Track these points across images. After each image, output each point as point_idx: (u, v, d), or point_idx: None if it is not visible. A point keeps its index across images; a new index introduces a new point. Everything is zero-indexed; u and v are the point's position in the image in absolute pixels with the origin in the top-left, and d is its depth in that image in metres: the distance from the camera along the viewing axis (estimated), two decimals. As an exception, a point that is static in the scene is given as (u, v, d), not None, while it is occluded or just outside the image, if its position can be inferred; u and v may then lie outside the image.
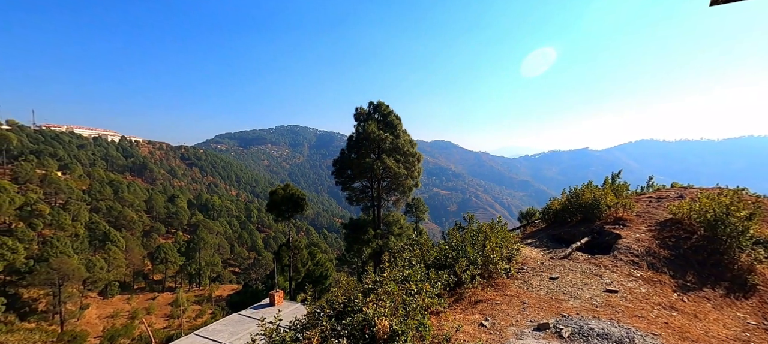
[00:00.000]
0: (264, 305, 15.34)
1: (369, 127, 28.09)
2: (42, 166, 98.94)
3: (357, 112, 30.82)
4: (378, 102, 30.08)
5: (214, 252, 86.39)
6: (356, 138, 30.76)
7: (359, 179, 32.34)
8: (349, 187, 32.42)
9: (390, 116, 30.11)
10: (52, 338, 42.53)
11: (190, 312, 56.88)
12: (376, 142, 29.24)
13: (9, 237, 59.66)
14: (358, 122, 31.35)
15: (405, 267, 6.82)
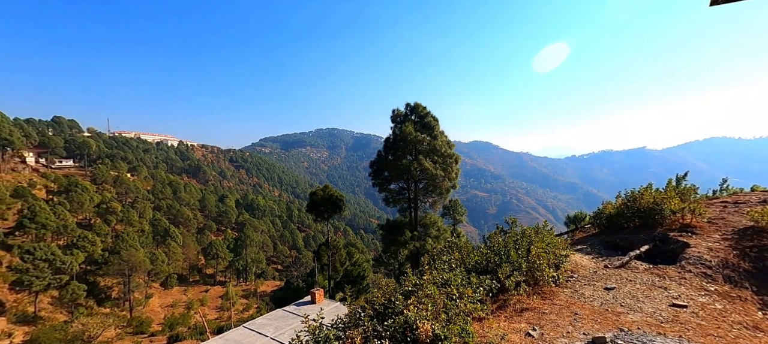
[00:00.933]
0: (305, 302, 15.90)
1: (405, 128, 28.04)
2: (115, 168, 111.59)
3: (394, 113, 30.91)
4: (415, 103, 29.93)
5: (259, 249, 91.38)
6: (393, 139, 30.86)
7: (396, 181, 32.39)
8: (385, 189, 32.58)
9: (427, 117, 29.83)
10: (123, 323, 47.68)
11: (238, 306, 60.67)
12: (413, 144, 29.12)
13: (89, 231, 67.98)
14: (395, 124, 31.43)
15: (445, 270, 6.69)
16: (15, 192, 69.23)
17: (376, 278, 51.61)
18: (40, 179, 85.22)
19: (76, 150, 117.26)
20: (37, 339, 35.80)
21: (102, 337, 39.77)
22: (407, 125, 28.69)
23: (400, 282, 7.52)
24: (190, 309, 56.58)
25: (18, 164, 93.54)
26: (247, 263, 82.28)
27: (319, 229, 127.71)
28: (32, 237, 60.14)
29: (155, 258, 66.69)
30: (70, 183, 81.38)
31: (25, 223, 60.23)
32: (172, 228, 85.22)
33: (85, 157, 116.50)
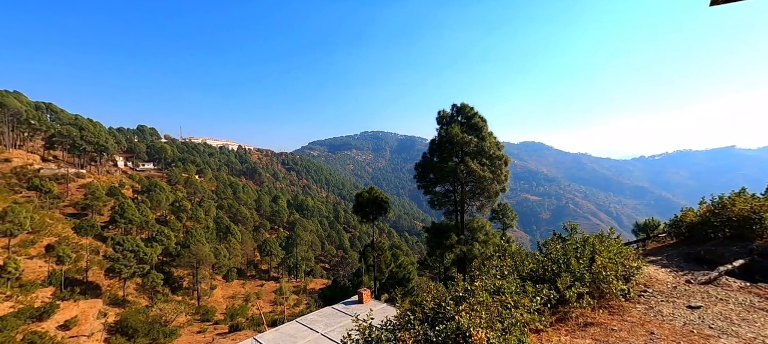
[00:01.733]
0: (353, 301, 16.27)
1: (452, 129, 27.47)
2: (185, 170, 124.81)
3: (439, 115, 30.49)
4: (461, 104, 29.22)
5: (308, 248, 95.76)
6: (438, 141, 30.41)
7: (441, 183, 31.84)
8: (431, 191, 32.19)
9: (474, 118, 28.94)
10: (192, 310, 53.02)
11: (290, 301, 64.15)
12: (459, 145, 28.41)
13: (165, 226, 76.76)
14: (441, 125, 30.96)
15: (497, 277, 6.40)
16: (109, 191, 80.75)
17: (421, 281, 51.11)
18: (127, 180, 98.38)
19: (155, 154, 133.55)
20: (125, 320, 41.28)
21: (175, 322, 44.60)
22: (453, 126, 28.09)
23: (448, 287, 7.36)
24: (247, 302, 61.07)
25: (111, 167, 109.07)
26: (298, 261, 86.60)
27: (365, 230, 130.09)
28: (122, 231, 69.58)
29: (218, 252, 73.20)
30: (150, 184, 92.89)
31: (116, 218, 69.96)
32: (232, 226, 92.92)
33: (162, 160, 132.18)
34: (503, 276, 6.30)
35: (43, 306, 39.05)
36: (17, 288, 42.06)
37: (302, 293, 72.15)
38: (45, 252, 52.97)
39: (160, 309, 45.48)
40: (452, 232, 29.30)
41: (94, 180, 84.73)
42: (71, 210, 73.00)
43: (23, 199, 64.77)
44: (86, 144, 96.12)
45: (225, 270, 75.05)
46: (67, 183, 78.71)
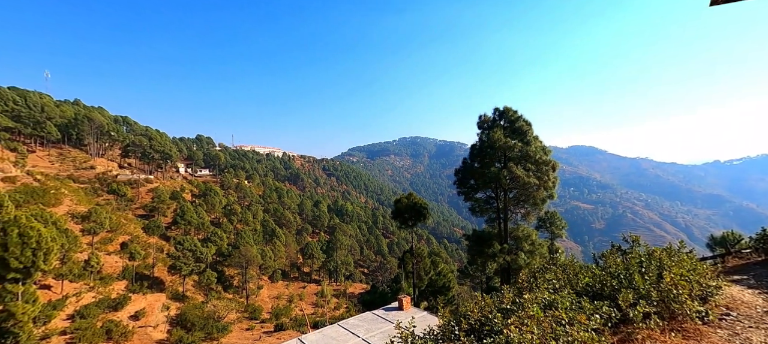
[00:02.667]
0: (393, 308, 16.24)
1: (494, 134, 26.55)
2: (236, 176, 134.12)
3: (480, 119, 29.65)
4: (504, 107, 28.18)
5: (347, 252, 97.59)
6: (479, 146, 29.55)
7: (483, 189, 30.82)
8: (471, 198, 31.29)
9: (518, 122, 27.73)
10: (241, 308, 56.43)
11: (331, 304, 65.73)
12: (502, 150, 27.36)
13: (218, 228, 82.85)
14: (482, 130, 30.08)
15: (548, 290, 6.01)
16: (172, 195, 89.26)
17: (462, 290, 49.60)
18: (187, 185, 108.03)
19: (211, 161, 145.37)
20: (184, 314, 45.08)
21: (227, 318, 47.74)
22: (495, 131, 27.14)
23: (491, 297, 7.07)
24: (291, 302, 63.59)
25: (174, 173, 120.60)
26: (338, 265, 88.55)
27: (403, 236, 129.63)
28: (182, 231, 76.37)
29: (265, 254, 77.33)
30: (206, 189, 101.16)
31: (177, 220, 77.02)
32: (277, 229, 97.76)
33: (216, 166, 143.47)
34: (555, 290, 5.91)
35: (118, 298, 43.99)
36: (98, 280, 47.85)
37: (342, 296, 73.51)
38: (120, 249, 59.75)
39: (213, 305, 49.04)
40: (495, 241, 28.14)
41: (160, 185, 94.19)
42: (141, 211, 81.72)
43: (104, 201, 73.84)
44: (154, 152, 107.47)
45: (270, 271, 78.97)
46: (138, 188, 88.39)
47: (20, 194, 53.74)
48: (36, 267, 30.85)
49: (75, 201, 64.31)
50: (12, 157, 71.17)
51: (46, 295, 38.76)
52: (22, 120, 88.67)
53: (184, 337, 38.77)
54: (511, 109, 28.05)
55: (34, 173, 68.85)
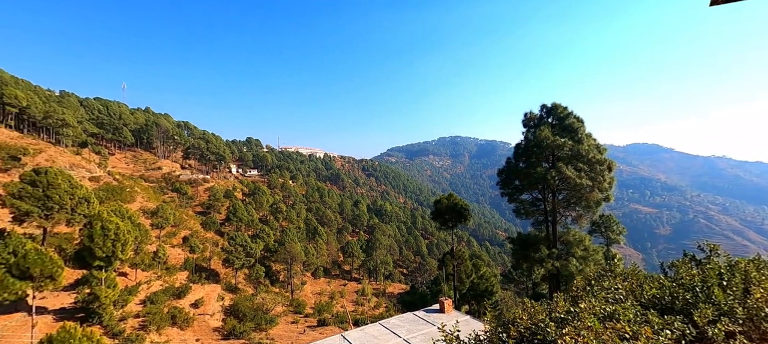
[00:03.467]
0: (434, 310, 16.05)
1: (541, 132, 25.12)
2: (281, 176, 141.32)
3: (526, 117, 28.24)
4: (553, 104, 26.57)
5: (386, 252, 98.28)
6: (525, 145, 28.15)
7: (529, 190, 29.32)
8: (516, 199, 29.90)
9: (568, 119, 25.97)
10: (287, 302, 59.37)
11: (371, 303, 66.70)
12: (550, 149, 25.80)
13: (266, 225, 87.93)
14: (527, 128, 28.63)
15: (607, 299, 5.56)
16: (225, 194, 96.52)
17: (506, 296, 47.53)
18: (238, 184, 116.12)
19: (259, 162, 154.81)
20: (236, 305, 48.51)
21: (274, 311, 50.50)
22: (542, 129, 25.67)
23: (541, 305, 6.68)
24: (332, 299, 65.58)
25: (227, 173, 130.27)
26: (377, 264, 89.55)
27: (442, 238, 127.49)
28: (234, 228, 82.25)
29: (308, 251, 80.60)
30: (255, 188, 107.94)
31: (230, 217, 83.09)
32: (319, 228, 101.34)
33: (264, 167, 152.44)
34: (616, 301, 5.44)
35: (181, 287, 48.56)
36: (164, 270, 53.22)
37: (381, 296, 74.19)
38: (182, 243, 65.89)
39: (262, 298, 52.17)
40: (542, 245, 26.60)
41: (215, 184, 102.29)
42: (199, 208, 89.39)
43: (169, 199, 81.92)
44: (211, 154, 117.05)
45: (313, 267, 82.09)
46: (197, 187, 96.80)
47: (103, 191, 61.51)
48: (115, 257, 35.13)
49: (145, 199, 72.14)
50: (97, 159, 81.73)
51: (123, 282, 43.96)
52: (104, 126, 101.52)
53: (236, 327, 41.71)
54: (560, 106, 26.37)
55: (113, 173, 78.45)
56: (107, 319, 33.38)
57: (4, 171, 55.88)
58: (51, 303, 35.32)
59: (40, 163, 57.40)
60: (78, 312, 34.01)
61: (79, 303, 34.65)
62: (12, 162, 58.24)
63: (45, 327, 29.46)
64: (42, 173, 40.75)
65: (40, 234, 42.49)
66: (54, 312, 33.96)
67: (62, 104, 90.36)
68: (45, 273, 27.52)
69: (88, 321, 32.66)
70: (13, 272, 27.31)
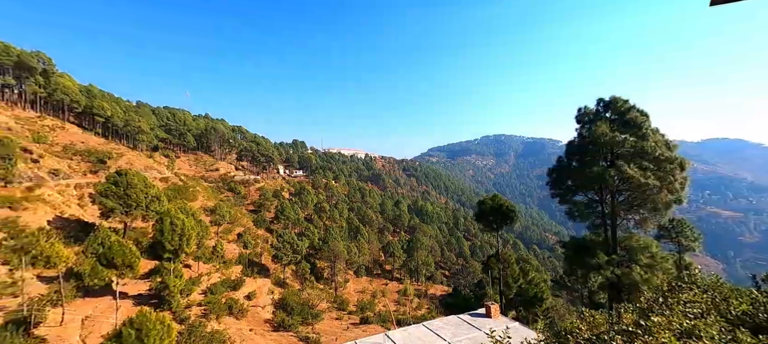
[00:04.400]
0: (480, 314, 15.57)
1: (598, 128, 23.21)
2: (325, 176, 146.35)
3: (580, 112, 26.30)
4: (611, 97, 24.45)
5: (427, 253, 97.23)
6: (579, 142, 26.26)
7: (583, 191, 27.30)
8: (568, 200, 27.99)
9: (629, 113, 23.71)
10: (331, 298, 61.37)
11: (413, 303, 66.51)
12: (608, 146, 23.77)
13: (311, 224, 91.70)
14: (581, 124, 26.65)
15: (687, 314, 4.99)
16: (274, 193, 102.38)
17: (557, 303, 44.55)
18: (285, 185, 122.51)
19: (304, 163, 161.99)
20: (285, 299, 51.21)
21: (319, 307, 52.48)
22: (599, 124, 23.72)
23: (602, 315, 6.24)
24: (374, 298, 66.40)
25: (275, 174, 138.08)
26: (418, 264, 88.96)
27: (486, 240, 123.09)
28: (282, 226, 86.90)
29: (350, 250, 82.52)
30: (300, 188, 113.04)
31: (278, 215, 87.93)
32: (360, 227, 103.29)
33: (308, 168, 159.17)
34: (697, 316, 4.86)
35: (236, 280, 52.43)
36: (222, 264, 57.86)
37: (423, 297, 73.55)
38: (236, 239, 71.12)
39: (308, 293, 54.46)
40: (599, 250, 24.55)
41: (265, 184, 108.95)
42: (251, 207, 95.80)
43: (225, 198, 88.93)
44: (261, 156, 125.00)
45: (355, 266, 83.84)
46: (248, 187, 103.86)
47: (170, 191, 68.53)
48: (181, 250, 38.93)
49: (205, 198, 79.03)
50: (165, 162, 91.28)
51: (187, 273, 48.59)
52: (171, 132, 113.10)
53: (285, 320, 44.01)
54: (620, 99, 24.16)
55: (179, 174, 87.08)
56: (175, 306, 37.08)
57: (94, 172, 64.66)
58: (130, 289, 40.15)
59: (121, 166, 65.50)
60: (152, 299, 38.25)
61: (152, 291, 38.97)
62: (100, 164, 67.24)
63: (126, 311, 33.58)
64: (123, 174, 46.54)
65: (121, 228, 48.55)
66: (133, 298, 38.54)
67: (138, 113, 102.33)
68: (126, 263, 31.37)
69: (160, 307, 36.56)
70: (102, 261, 31.51)
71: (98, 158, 68.81)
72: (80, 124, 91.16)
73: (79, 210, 50.11)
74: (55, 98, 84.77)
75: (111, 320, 30.99)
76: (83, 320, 30.96)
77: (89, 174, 63.44)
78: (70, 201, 50.55)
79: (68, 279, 33.93)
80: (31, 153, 55.49)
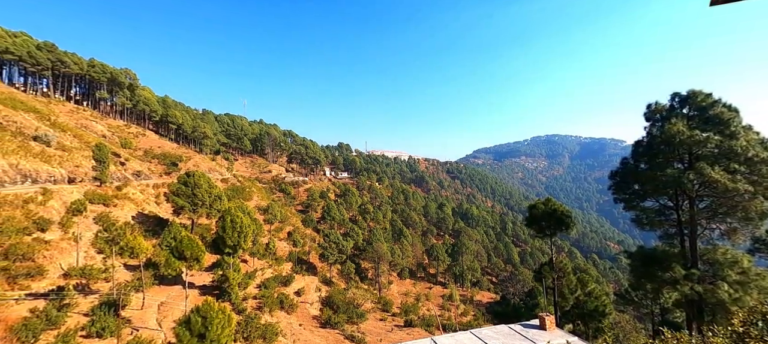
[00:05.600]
0: (533, 326, 14.69)
1: (672, 126, 20.68)
2: (369, 178, 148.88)
3: (650, 109, 23.69)
4: (690, 91, 21.72)
5: (473, 258, 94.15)
6: (648, 142, 23.66)
7: (653, 196, 24.55)
8: (635, 206, 25.30)
9: (713, 108, 20.81)
10: (375, 299, 62.15)
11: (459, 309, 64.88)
12: (686, 146, 21.08)
13: (355, 225, 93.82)
14: (651, 122, 23.99)
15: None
16: (320, 194, 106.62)
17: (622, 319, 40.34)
18: (331, 186, 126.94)
19: (349, 165, 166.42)
20: (331, 297, 53.01)
21: (364, 307, 53.44)
22: (674, 122, 21.11)
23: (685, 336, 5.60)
24: (418, 301, 65.91)
25: (322, 175, 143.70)
26: (464, 270, 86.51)
27: (538, 246, 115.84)
28: (328, 226, 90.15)
29: (394, 251, 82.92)
30: (345, 189, 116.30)
31: (325, 216, 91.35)
32: (404, 229, 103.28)
33: (353, 170, 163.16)
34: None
35: (287, 276, 55.48)
36: (274, 260, 61.63)
37: (468, 303, 71.32)
38: (287, 237, 75.24)
39: (353, 293, 55.79)
40: (675, 263, 21.80)
41: (312, 185, 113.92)
42: (300, 207, 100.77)
43: (276, 198, 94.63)
44: (309, 158, 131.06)
45: (399, 268, 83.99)
46: (297, 188, 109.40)
47: (230, 191, 74.69)
48: (239, 246, 42.13)
49: (259, 197, 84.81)
50: (226, 164, 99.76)
51: (244, 268, 52.49)
52: (231, 137, 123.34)
53: (332, 317, 45.53)
54: (700, 93, 21.33)
55: (237, 176, 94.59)
56: (234, 298, 40.26)
57: (168, 174, 72.78)
58: (197, 280, 44.45)
59: (190, 168, 72.91)
60: (214, 290, 41.94)
61: (214, 282, 42.72)
62: (173, 167, 75.51)
63: (193, 299, 37.21)
64: (191, 176, 51.73)
65: (189, 224, 53.97)
66: (199, 288, 42.61)
67: (204, 120, 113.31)
68: (194, 256, 34.79)
69: (221, 298, 39.98)
70: (174, 253, 35.30)
71: (171, 161, 77.33)
72: (157, 131, 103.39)
73: (156, 207, 56.69)
74: (139, 108, 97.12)
75: (181, 307, 34.54)
76: (159, 305, 34.92)
77: (164, 175, 71.56)
78: (149, 199, 57.42)
79: (147, 268, 38.57)
80: (119, 157, 64.14)
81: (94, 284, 33.59)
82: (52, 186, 43.04)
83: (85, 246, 37.57)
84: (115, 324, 26.50)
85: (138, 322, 30.16)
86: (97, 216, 43.06)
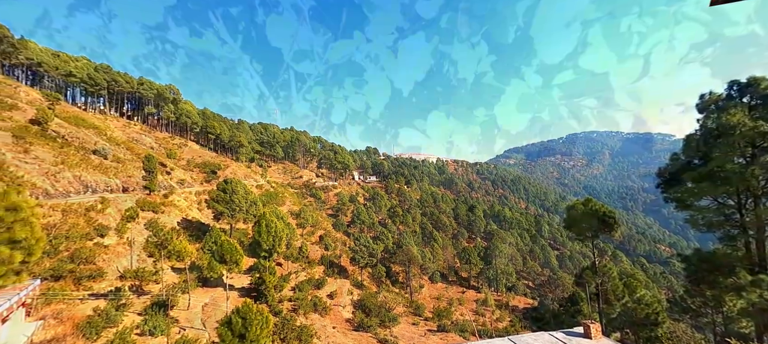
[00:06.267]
0: (576, 334, 13.89)
1: (731, 116, 18.86)
2: (397, 182, 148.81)
3: (703, 100, 21.80)
4: (750, 78, 19.77)
5: (507, 261, 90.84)
6: (703, 135, 21.76)
7: (710, 194, 22.43)
8: (689, 205, 23.32)
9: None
10: (406, 303, 61.78)
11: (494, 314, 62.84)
12: (748, 138, 19.10)
13: (385, 228, 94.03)
14: (705, 113, 22.05)
15: None
16: (350, 198, 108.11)
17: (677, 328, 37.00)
18: (360, 190, 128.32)
19: (377, 169, 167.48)
20: (362, 300, 53.40)
21: (395, 310, 53.29)
22: (733, 112, 19.25)
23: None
24: (451, 305, 64.59)
25: (351, 180, 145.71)
26: (497, 273, 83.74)
27: (577, 250, 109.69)
28: (358, 229, 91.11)
29: (424, 255, 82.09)
30: (374, 193, 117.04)
31: (354, 219, 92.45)
32: (434, 232, 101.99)
33: (381, 174, 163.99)
34: None
35: (319, 279, 56.69)
36: (307, 264, 63.26)
37: (503, 308, 68.81)
38: (318, 241, 76.94)
39: (384, 296, 55.83)
40: (740, 268, 19.77)
41: (342, 190, 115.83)
42: (330, 211, 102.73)
43: (308, 202, 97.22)
44: (338, 163, 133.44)
45: (430, 271, 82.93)
46: (327, 192, 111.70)
47: (264, 197, 77.82)
48: (275, 250, 43.71)
49: (292, 202, 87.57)
50: (260, 171, 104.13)
51: (279, 271, 54.32)
52: (264, 145, 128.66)
53: (364, 320, 45.83)
54: (764, 79, 19.33)
55: (270, 182, 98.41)
56: (271, 300, 41.75)
57: (208, 181, 77.22)
58: (236, 282, 46.62)
59: (227, 175, 76.90)
60: (252, 292, 43.77)
61: (252, 285, 44.59)
62: (212, 175, 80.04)
63: (234, 301, 39.07)
64: (229, 183, 54.50)
65: (228, 229, 56.81)
66: (238, 290, 44.67)
67: (239, 130, 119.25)
68: (233, 259, 36.58)
69: (258, 300, 41.65)
70: (215, 257, 37.32)
71: (211, 169, 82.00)
72: (197, 141, 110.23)
73: (198, 213, 60.30)
74: (181, 121, 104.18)
75: (223, 308, 36.37)
76: (203, 306, 37.00)
77: (204, 183, 76.03)
78: (192, 206, 61.22)
79: (191, 271, 41.05)
80: (165, 166, 69.03)
81: (146, 285, 36.28)
82: (109, 195, 47.19)
83: (138, 250, 40.75)
84: (164, 324, 28.40)
85: (184, 322, 32.12)
86: (148, 222, 46.56)
